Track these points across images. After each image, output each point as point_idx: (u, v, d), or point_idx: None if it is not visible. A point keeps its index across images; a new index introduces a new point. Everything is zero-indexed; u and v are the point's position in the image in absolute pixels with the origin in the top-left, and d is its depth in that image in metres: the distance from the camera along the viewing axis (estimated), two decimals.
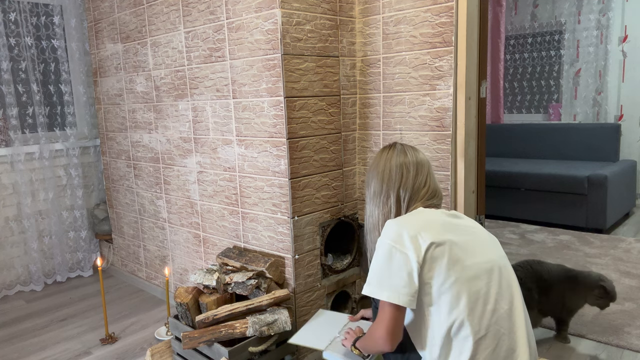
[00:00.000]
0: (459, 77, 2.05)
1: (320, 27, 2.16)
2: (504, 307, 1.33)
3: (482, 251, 1.37)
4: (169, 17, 2.54)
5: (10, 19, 3.09)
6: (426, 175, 1.50)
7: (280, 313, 2.01)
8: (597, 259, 3.26)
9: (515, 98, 5.36)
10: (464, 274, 1.30)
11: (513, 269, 1.49)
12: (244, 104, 2.22)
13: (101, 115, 3.30)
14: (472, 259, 1.33)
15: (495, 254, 1.40)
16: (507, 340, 1.31)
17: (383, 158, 1.53)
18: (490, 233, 1.50)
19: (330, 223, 2.31)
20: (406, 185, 1.48)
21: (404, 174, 1.48)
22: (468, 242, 1.37)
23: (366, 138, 2.39)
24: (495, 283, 1.34)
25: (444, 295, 1.30)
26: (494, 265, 1.36)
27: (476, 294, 1.30)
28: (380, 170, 1.51)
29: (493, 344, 1.29)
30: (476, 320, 1.28)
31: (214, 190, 2.48)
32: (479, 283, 1.31)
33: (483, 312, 1.29)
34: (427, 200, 1.49)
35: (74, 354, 2.39)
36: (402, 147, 1.54)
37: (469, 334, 1.27)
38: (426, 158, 1.55)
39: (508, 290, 1.36)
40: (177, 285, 2.89)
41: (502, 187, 4.35)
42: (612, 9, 4.54)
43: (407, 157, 1.50)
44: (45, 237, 3.35)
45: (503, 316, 1.32)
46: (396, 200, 1.48)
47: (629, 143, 4.60)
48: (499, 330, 1.30)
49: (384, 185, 1.49)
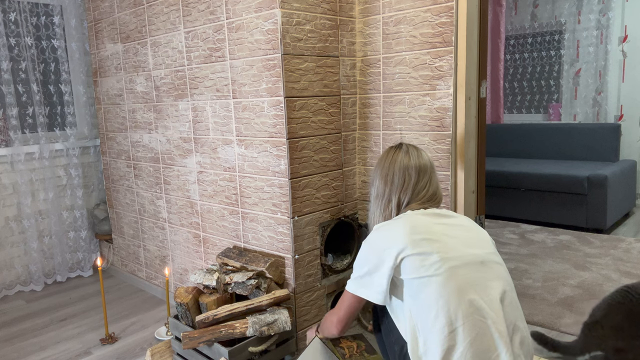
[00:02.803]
0: (459, 77, 2.05)
1: (320, 27, 2.16)
2: (484, 298, 1.35)
3: (464, 247, 1.41)
4: (169, 17, 2.54)
5: (10, 19, 3.09)
6: (427, 180, 1.56)
7: (280, 313, 2.01)
8: (597, 259, 3.26)
9: (515, 98, 5.36)
10: (442, 267, 1.35)
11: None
12: (244, 104, 2.22)
13: (101, 115, 3.30)
14: (451, 253, 1.38)
15: (480, 249, 1.44)
16: (489, 329, 1.33)
17: (388, 159, 1.60)
18: (483, 230, 1.53)
19: (330, 223, 2.31)
20: (407, 190, 1.55)
21: (405, 179, 1.55)
22: (448, 238, 1.42)
23: (366, 138, 2.39)
24: (475, 275, 1.37)
25: (424, 289, 1.35)
26: (475, 259, 1.40)
27: (455, 285, 1.33)
28: (385, 172, 1.59)
29: (473, 333, 1.31)
30: (452, 310, 1.31)
31: (214, 190, 2.49)
32: (458, 274, 1.35)
33: (459, 303, 1.32)
34: (425, 202, 1.55)
35: (74, 354, 2.39)
36: (407, 149, 1.60)
37: (445, 323, 1.31)
38: (429, 161, 1.60)
39: (490, 284, 1.38)
40: (177, 285, 2.89)
41: (502, 187, 4.35)
42: (612, 9, 4.54)
43: (411, 160, 1.57)
44: (45, 237, 3.35)
45: (482, 307, 1.34)
46: (397, 204, 1.56)
47: (629, 143, 4.60)
48: (479, 320, 1.32)
49: (386, 188, 1.58)
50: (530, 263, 3.24)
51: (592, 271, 3.04)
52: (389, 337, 1.63)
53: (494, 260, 1.44)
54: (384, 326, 1.67)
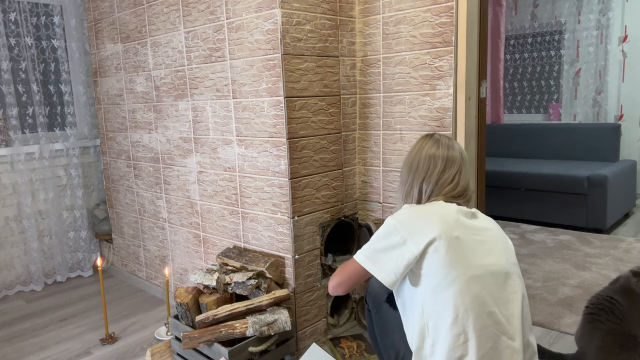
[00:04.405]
0: (459, 77, 2.05)
1: (320, 27, 2.16)
2: (504, 312, 1.31)
3: (490, 254, 1.35)
4: (169, 17, 2.54)
5: (10, 19, 3.09)
6: (455, 173, 1.46)
7: (280, 313, 2.01)
8: (597, 259, 3.26)
9: (515, 98, 5.36)
10: (467, 272, 1.29)
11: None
12: (244, 104, 2.22)
13: (101, 115, 3.30)
14: (478, 260, 1.32)
15: (505, 259, 1.37)
16: (502, 345, 1.29)
17: (417, 147, 1.52)
18: (507, 237, 1.46)
19: (330, 223, 2.31)
20: (430, 178, 1.46)
21: (430, 167, 1.47)
22: (477, 242, 1.35)
23: (366, 138, 2.39)
24: (498, 287, 1.32)
25: (444, 290, 1.29)
26: (500, 269, 1.34)
27: (477, 294, 1.29)
28: (410, 159, 1.52)
29: (487, 346, 1.28)
30: (471, 320, 1.27)
31: (214, 190, 2.49)
32: (481, 284, 1.30)
33: (480, 314, 1.28)
34: (452, 198, 1.45)
35: (74, 354, 2.39)
36: (438, 139, 1.51)
37: (461, 332, 1.27)
38: (461, 153, 1.50)
39: (512, 297, 1.33)
40: (177, 285, 2.89)
41: (502, 187, 4.35)
42: (612, 9, 4.54)
43: (439, 150, 1.48)
44: (45, 237, 3.35)
45: (501, 321, 1.30)
46: (418, 192, 1.48)
47: (629, 143, 4.60)
48: (494, 334, 1.29)
49: (410, 175, 1.50)
50: (530, 263, 3.24)
51: (592, 271, 3.04)
52: (384, 341, 1.60)
53: (517, 273, 1.39)
54: (379, 329, 1.63)
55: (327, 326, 2.35)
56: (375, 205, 2.41)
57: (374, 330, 1.67)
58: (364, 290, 2.47)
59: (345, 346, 2.24)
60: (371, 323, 1.68)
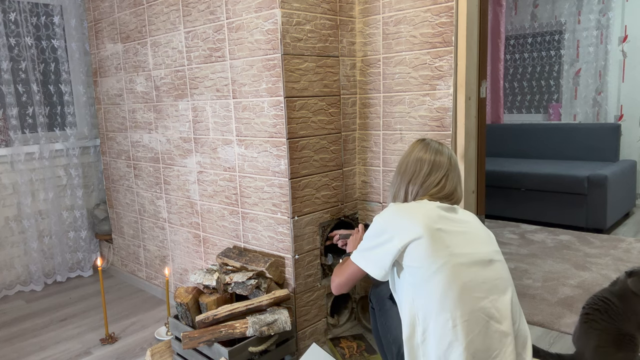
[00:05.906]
0: (459, 77, 2.05)
1: (320, 27, 2.16)
2: (489, 297, 1.34)
3: (474, 243, 1.40)
4: (169, 17, 2.54)
5: (10, 19, 3.09)
6: (442, 177, 1.52)
7: (280, 313, 2.01)
8: (597, 259, 3.26)
9: (515, 98, 5.36)
10: (452, 261, 1.34)
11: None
12: (244, 104, 2.22)
13: (101, 115, 3.30)
14: (461, 249, 1.37)
15: (488, 247, 1.43)
16: (491, 329, 1.33)
17: (408, 151, 1.60)
18: (487, 229, 1.52)
19: (330, 223, 2.31)
20: (416, 180, 1.53)
21: (416, 169, 1.54)
22: (459, 233, 1.40)
23: (366, 138, 2.39)
24: (482, 274, 1.36)
25: (431, 279, 1.33)
26: (483, 257, 1.39)
27: (462, 281, 1.32)
28: (400, 162, 1.59)
29: (475, 330, 1.31)
30: (458, 306, 1.31)
31: (214, 190, 2.49)
32: (466, 271, 1.34)
33: (466, 300, 1.31)
34: (437, 199, 1.51)
35: (74, 354, 2.39)
36: (428, 143, 1.58)
37: (449, 317, 1.30)
38: (450, 158, 1.55)
39: (496, 283, 1.38)
40: (177, 285, 2.89)
41: (502, 187, 4.35)
42: (612, 9, 4.54)
43: (426, 154, 1.54)
44: (45, 237, 3.35)
45: (487, 306, 1.33)
46: (404, 193, 1.55)
47: (629, 143, 4.60)
48: (482, 318, 1.32)
49: (398, 176, 1.58)
50: (530, 263, 3.24)
51: (592, 271, 3.04)
52: (386, 337, 1.63)
53: (499, 259, 1.44)
54: (382, 326, 1.66)
55: (327, 326, 2.35)
56: (375, 205, 2.41)
57: (377, 327, 1.69)
58: (364, 290, 2.47)
59: (345, 346, 2.24)
60: (375, 321, 1.71)
